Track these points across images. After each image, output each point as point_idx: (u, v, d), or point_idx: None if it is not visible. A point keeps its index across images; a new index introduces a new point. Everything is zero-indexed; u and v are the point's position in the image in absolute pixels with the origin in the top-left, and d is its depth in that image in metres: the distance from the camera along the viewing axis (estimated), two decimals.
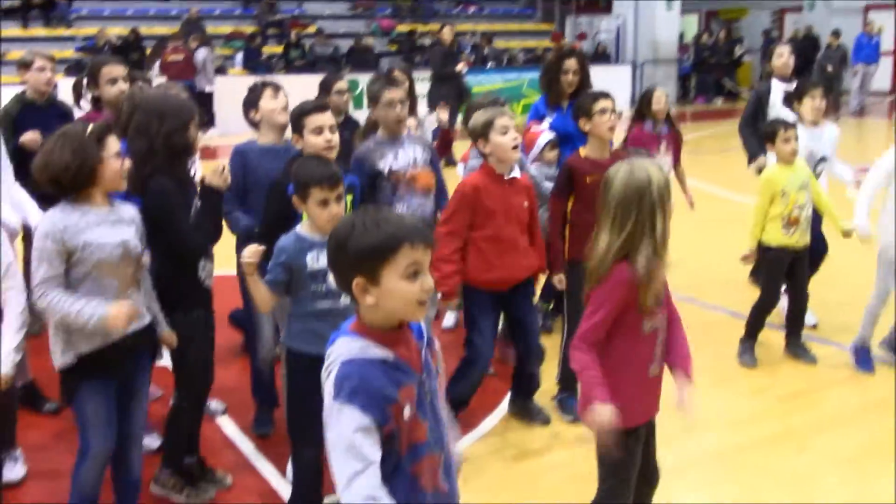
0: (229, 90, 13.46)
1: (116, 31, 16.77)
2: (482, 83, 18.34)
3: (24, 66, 5.16)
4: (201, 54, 15.45)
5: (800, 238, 5.08)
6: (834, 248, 5.77)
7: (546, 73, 5.82)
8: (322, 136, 3.74)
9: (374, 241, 2.00)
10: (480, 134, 4.00)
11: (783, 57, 6.47)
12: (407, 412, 2.03)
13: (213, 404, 4.54)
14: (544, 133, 5.27)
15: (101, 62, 4.78)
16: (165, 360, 3.78)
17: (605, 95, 4.32)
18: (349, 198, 3.93)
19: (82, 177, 3.05)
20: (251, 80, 5.78)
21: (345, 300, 3.34)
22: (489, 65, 19.19)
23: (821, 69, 18.54)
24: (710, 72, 21.71)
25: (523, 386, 4.47)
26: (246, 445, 4.26)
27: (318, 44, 18.15)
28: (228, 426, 4.45)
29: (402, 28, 20.28)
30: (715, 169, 11.17)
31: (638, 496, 3.08)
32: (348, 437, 1.93)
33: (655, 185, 2.71)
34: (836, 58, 18.86)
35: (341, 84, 5.26)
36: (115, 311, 3.04)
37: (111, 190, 3.18)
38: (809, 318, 5.63)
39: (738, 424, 4.47)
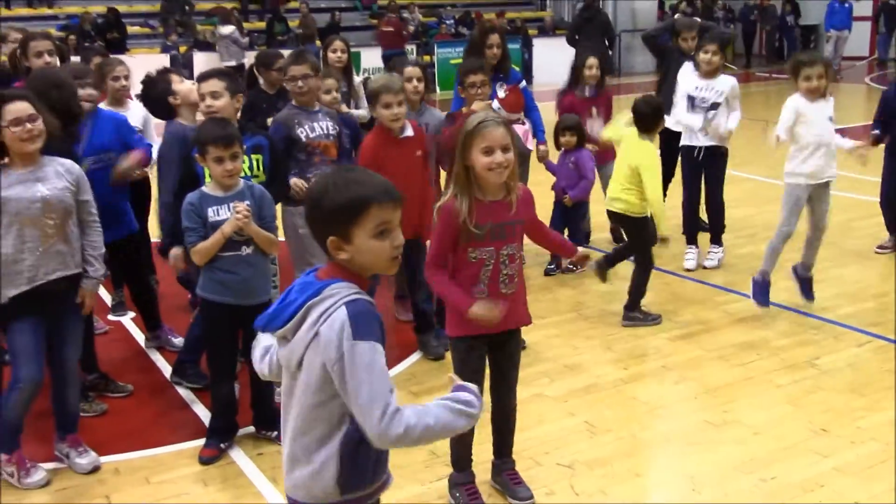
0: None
1: (96, 9, 17.15)
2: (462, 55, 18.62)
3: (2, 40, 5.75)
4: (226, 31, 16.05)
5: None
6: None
7: (472, 47, 6.47)
8: (205, 101, 4.21)
9: (342, 202, 2.06)
10: (369, 100, 4.66)
11: (687, 41, 7.04)
12: None
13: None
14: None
15: (30, 37, 5.29)
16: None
17: (474, 70, 5.18)
18: (258, 157, 4.34)
19: None
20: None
21: (247, 249, 3.82)
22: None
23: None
24: None
25: (421, 323, 5.11)
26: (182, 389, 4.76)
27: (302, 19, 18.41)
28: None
29: (383, 1, 20.53)
30: None
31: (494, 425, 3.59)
32: (380, 370, 2.03)
33: (462, 134, 3.16)
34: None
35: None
36: None
37: (19, 153, 3.50)
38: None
39: (620, 363, 4.96)
